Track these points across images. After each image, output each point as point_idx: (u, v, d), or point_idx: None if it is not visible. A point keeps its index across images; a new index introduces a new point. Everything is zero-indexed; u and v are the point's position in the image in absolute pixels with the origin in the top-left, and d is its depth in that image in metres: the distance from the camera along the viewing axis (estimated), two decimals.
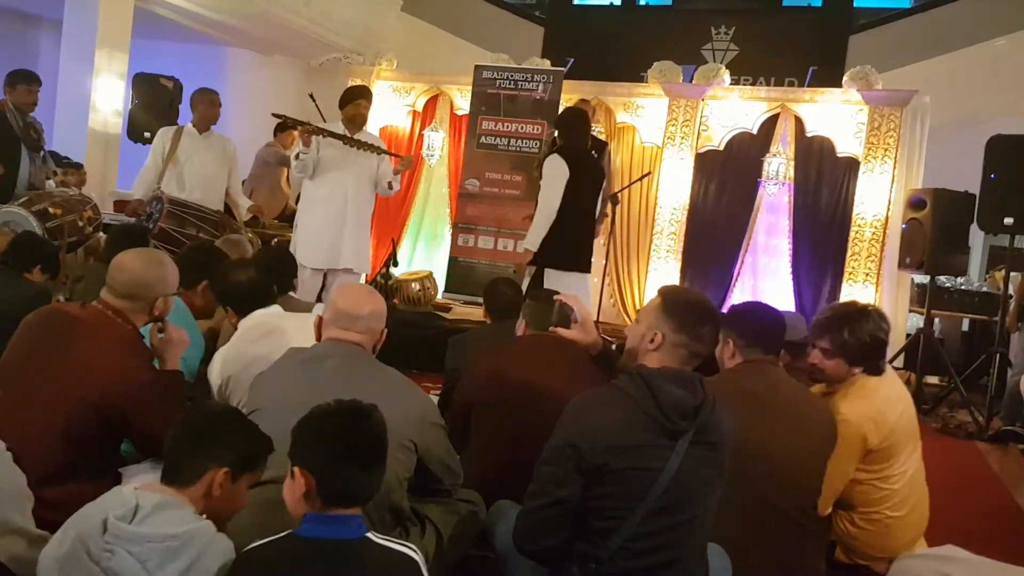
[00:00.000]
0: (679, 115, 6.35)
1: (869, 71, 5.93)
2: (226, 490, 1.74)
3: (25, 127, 5.19)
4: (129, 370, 2.27)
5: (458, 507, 2.34)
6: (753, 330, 2.52)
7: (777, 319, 2.59)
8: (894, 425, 2.68)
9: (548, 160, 4.70)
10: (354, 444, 1.63)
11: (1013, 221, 5.10)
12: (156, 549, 1.60)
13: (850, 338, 2.60)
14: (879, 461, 2.70)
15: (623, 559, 1.89)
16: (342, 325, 2.17)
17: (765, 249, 6.37)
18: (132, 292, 2.35)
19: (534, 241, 4.64)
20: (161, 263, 2.45)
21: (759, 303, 2.83)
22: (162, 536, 1.61)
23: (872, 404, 2.65)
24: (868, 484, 2.73)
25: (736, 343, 2.52)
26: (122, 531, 1.60)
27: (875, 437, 2.64)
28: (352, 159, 4.97)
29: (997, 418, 5.24)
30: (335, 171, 4.98)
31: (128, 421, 2.25)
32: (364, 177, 5.07)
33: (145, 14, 7.70)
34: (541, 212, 4.65)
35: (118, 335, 2.31)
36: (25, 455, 1.91)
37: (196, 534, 1.64)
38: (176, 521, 1.64)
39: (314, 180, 4.99)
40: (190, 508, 1.69)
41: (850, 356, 2.63)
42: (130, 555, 1.59)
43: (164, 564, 1.59)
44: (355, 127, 5.01)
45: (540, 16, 9.74)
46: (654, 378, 1.91)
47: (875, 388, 2.68)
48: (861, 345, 2.61)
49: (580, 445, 1.87)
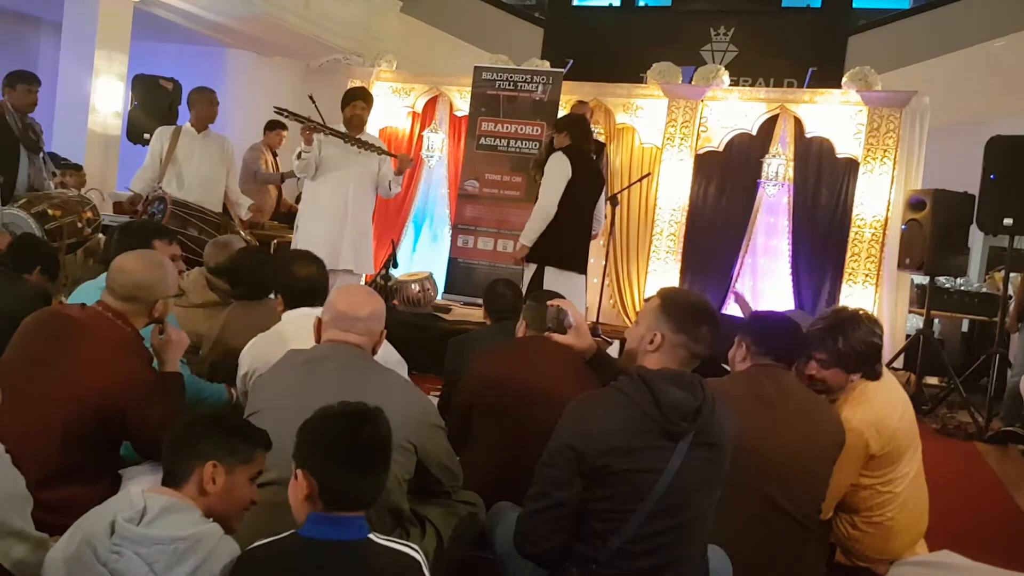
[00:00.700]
0: (678, 116, 6.35)
1: (868, 72, 5.94)
2: (222, 484, 1.73)
3: (24, 128, 5.19)
4: (129, 371, 2.27)
5: (458, 508, 2.34)
6: (769, 339, 2.53)
7: (795, 333, 2.59)
8: (895, 430, 2.68)
9: (553, 158, 4.72)
10: (356, 448, 1.62)
11: (1012, 222, 5.10)
12: (163, 551, 1.60)
13: (844, 347, 2.59)
14: (882, 466, 2.71)
15: (623, 560, 1.89)
16: (342, 327, 2.17)
17: (765, 250, 6.37)
18: (133, 294, 2.35)
19: (530, 237, 4.67)
20: (161, 265, 2.45)
21: (783, 316, 2.81)
22: (169, 538, 1.61)
23: (873, 410, 2.65)
24: (871, 489, 2.73)
25: (749, 348, 2.54)
26: (130, 533, 1.61)
27: (877, 443, 2.65)
28: (353, 159, 4.96)
29: (997, 419, 5.24)
30: (336, 171, 4.97)
31: (127, 422, 2.25)
32: (365, 178, 5.06)
33: (145, 15, 7.70)
34: (539, 209, 4.67)
35: (118, 337, 2.32)
36: (24, 457, 1.90)
37: (203, 537, 1.64)
38: (183, 524, 1.65)
39: (315, 180, 4.99)
40: (197, 511, 1.69)
41: (846, 364, 2.62)
42: (138, 557, 1.59)
43: (171, 567, 1.60)
44: (354, 129, 5.00)
45: (539, 17, 9.74)
46: (654, 379, 1.91)
47: (875, 394, 2.69)
48: (856, 352, 2.60)
49: (580, 447, 1.87)
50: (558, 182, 4.63)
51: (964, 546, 2.84)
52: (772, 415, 2.43)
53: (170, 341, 2.41)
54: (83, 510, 1.75)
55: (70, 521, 1.74)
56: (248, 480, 1.79)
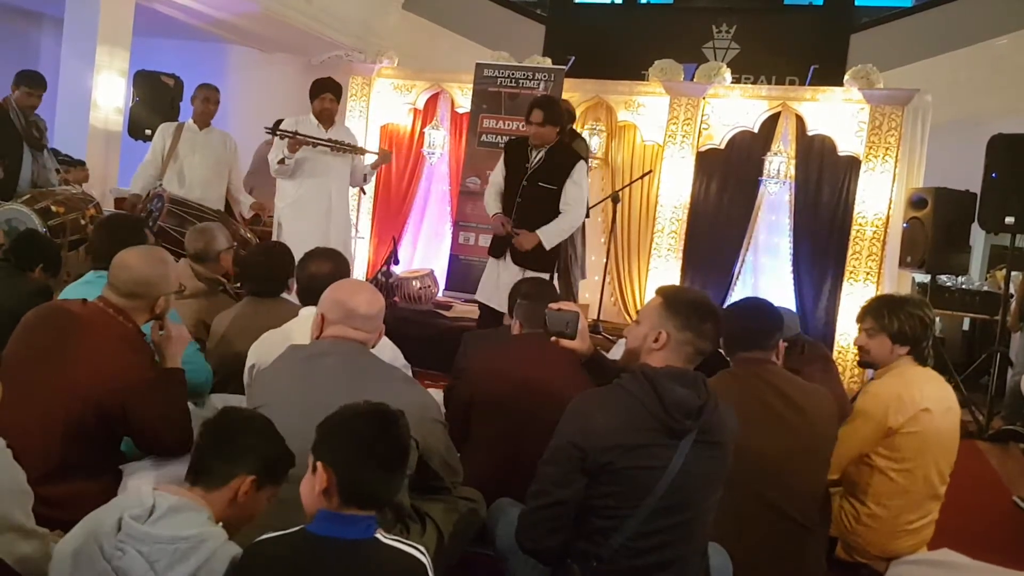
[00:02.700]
0: (680, 113, 6.34)
1: (870, 70, 5.92)
2: (250, 498, 1.74)
3: (27, 125, 5.19)
4: (129, 367, 2.27)
5: (458, 504, 2.34)
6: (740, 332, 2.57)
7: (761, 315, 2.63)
8: (918, 415, 2.71)
9: (581, 166, 4.54)
10: (381, 445, 1.64)
11: (1014, 220, 5.10)
12: (165, 551, 1.60)
13: (891, 317, 2.79)
14: (897, 448, 2.73)
15: (625, 558, 1.89)
16: (343, 322, 2.17)
17: (766, 248, 6.36)
18: (134, 291, 2.35)
19: (552, 240, 4.47)
20: (164, 261, 2.45)
21: (742, 303, 2.86)
22: (171, 538, 1.61)
23: (902, 384, 2.75)
24: (883, 475, 2.75)
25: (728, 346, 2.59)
26: (134, 530, 1.61)
27: (896, 416, 2.70)
28: (331, 157, 5.10)
29: (998, 417, 5.24)
30: (316, 169, 5.10)
31: (128, 417, 2.25)
32: (344, 174, 5.23)
33: (146, 11, 7.70)
34: (575, 218, 4.53)
35: (119, 333, 2.32)
36: (25, 452, 1.90)
37: (206, 539, 1.64)
38: (189, 524, 1.65)
39: (294, 180, 5.08)
40: (206, 512, 1.69)
41: (892, 335, 2.79)
42: (140, 555, 1.59)
43: (172, 566, 1.60)
44: (325, 122, 5.08)
45: (541, 14, 9.73)
46: (659, 377, 1.91)
47: (912, 375, 2.79)
48: (900, 325, 2.78)
49: (584, 445, 1.88)
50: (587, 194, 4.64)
51: (964, 545, 2.85)
52: (766, 413, 2.44)
53: (170, 337, 2.41)
54: (84, 505, 1.76)
55: (71, 516, 1.74)
56: (266, 499, 1.80)
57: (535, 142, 4.53)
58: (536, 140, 4.52)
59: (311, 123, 5.09)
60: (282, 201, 5.23)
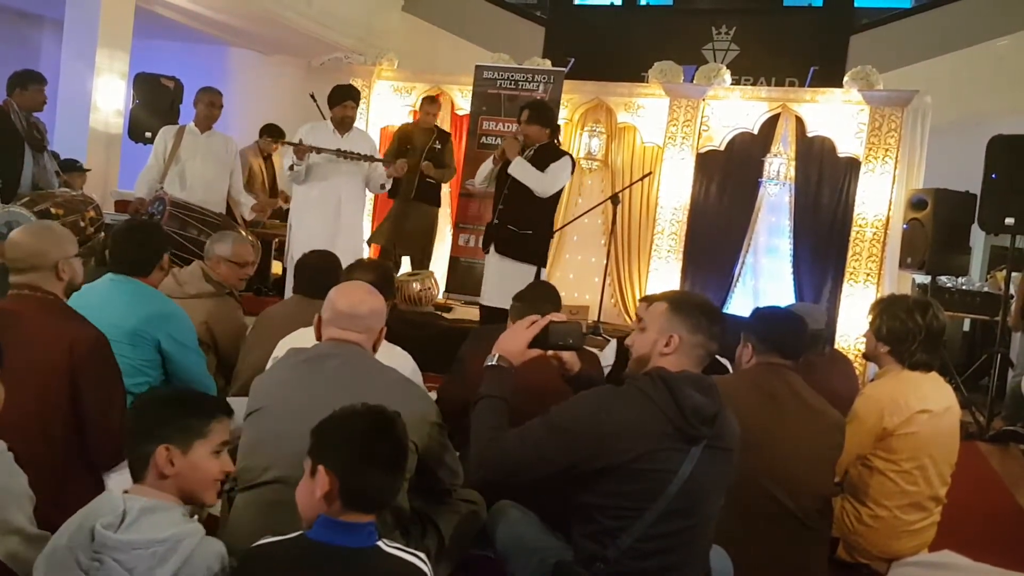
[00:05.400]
0: (680, 115, 6.34)
1: (870, 71, 5.92)
2: (180, 464, 1.69)
3: (28, 127, 5.19)
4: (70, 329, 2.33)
5: (459, 507, 2.34)
6: (773, 336, 2.59)
7: (798, 329, 2.67)
8: (914, 416, 2.71)
9: (566, 160, 4.78)
10: (381, 447, 1.62)
11: (1014, 221, 5.09)
12: (142, 556, 1.58)
13: (878, 316, 2.88)
14: (895, 450, 2.73)
15: (631, 560, 1.89)
16: (342, 325, 2.16)
17: (766, 249, 6.36)
18: (31, 263, 2.40)
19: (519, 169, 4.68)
20: (50, 228, 2.53)
21: (786, 311, 2.90)
22: (147, 542, 1.59)
23: (898, 386, 2.76)
24: (883, 476, 2.75)
25: (755, 346, 2.60)
26: (108, 540, 1.58)
27: (891, 417, 2.71)
28: (341, 161, 5.13)
29: (998, 418, 5.23)
30: (327, 172, 5.15)
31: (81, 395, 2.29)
32: (356, 177, 5.25)
33: (146, 14, 7.71)
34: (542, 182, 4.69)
35: (43, 306, 2.37)
36: (25, 454, 1.89)
37: (183, 537, 1.62)
38: (163, 525, 1.63)
39: (306, 183, 5.10)
40: (178, 509, 1.68)
41: (875, 332, 2.88)
42: (118, 564, 1.57)
43: (152, 569, 1.58)
44: (343, 128, 5.15)
45: (541, 16, 9.73)
46: (676, 382, 1.91)
47: (908, 378, 2.80)
48: (881, 324, 2.86)
49: (595, 446, 1.87)
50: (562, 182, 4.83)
51: (965, 546, 2.85)
52: (778, 413, 2.45)
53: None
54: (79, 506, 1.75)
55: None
56: (211, 453, 1.73)
57: (525, 142, 4.83)
58: (525, 140, 4.82)
59: (327, 128, 5.18)
60: (294, 204, 5.35)
